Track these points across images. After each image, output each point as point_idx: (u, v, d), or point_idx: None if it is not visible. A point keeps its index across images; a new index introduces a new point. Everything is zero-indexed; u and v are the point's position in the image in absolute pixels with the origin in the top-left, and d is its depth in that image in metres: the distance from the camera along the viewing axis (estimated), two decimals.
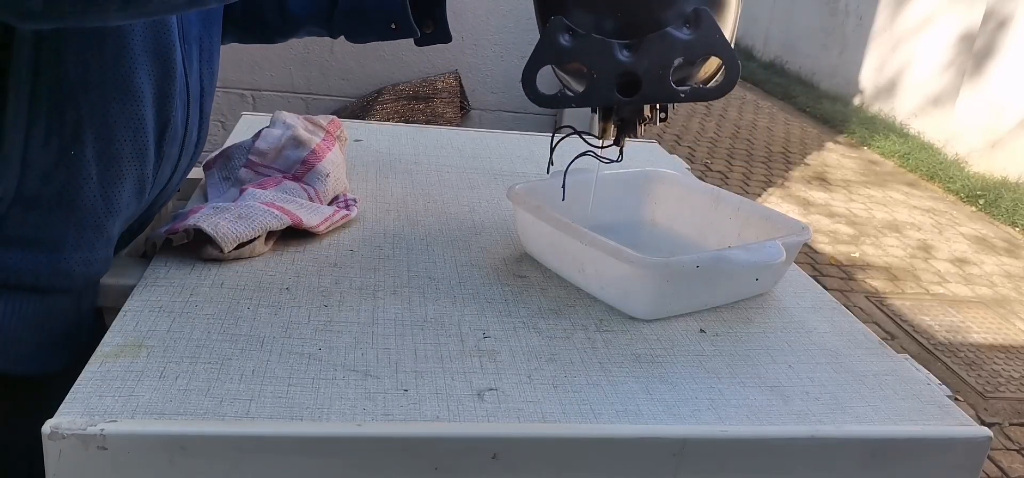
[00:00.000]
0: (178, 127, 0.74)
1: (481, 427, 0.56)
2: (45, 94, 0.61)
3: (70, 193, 0.65)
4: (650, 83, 0.59)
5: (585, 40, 0.58)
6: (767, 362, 0.69)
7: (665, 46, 0.58)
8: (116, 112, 0.65)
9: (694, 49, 0.58)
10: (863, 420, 0.62)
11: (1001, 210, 4.53)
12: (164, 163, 0.74)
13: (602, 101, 0.61)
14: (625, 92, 0.59)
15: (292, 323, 0.66)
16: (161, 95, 0.69)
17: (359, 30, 0.88)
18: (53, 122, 0.62)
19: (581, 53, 0.59)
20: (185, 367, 0.58)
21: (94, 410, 0.53)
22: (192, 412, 0.54)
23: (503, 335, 0.68)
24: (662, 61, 0.58)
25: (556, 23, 0.58)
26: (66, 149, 0.63)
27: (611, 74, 0.59)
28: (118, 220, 0.70)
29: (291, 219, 0.79)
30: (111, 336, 0.61)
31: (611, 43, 0.58)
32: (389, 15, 0.84)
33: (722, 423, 0.59)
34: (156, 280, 0.71)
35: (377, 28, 0.86)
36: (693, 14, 0.57)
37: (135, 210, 0.73)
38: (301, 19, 0.89)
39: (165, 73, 0.69)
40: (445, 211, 0.95)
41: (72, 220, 0.66)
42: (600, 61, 0.58)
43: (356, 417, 0.55)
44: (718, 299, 0.78)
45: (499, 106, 2.49)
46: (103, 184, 0.67)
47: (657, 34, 0.58)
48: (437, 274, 0.78)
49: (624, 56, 0.58)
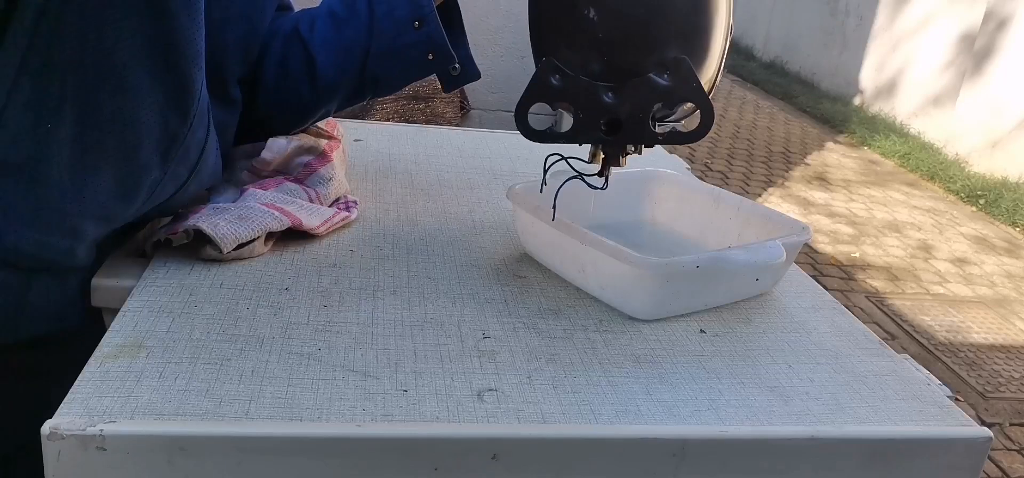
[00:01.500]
0: (192, 151, 0.73)
1: (481, 428, 0.56)
2: (36, 62, 0.60)
3: (35, 166, 0.63)
4: (630, 126, 0.63)
5: (573, 81, 0.62)
6: (767, 362, 0.69)
7: (646, 91, 0.62)
8: (103, 102, 0.64)
9: (672, 96, 0.62)
10: (863, 420, 0.62)
11: (1001, 210, 4.53)
12: (167, 180, 0.73)
13: (587, 140, 0.66)
14: (609, 131, 0.64)
15: (291, 323, 0.66)
16: (170, 106, 0.68)
17: (395, 70, 0.84)
18: (37, 91, 0.61)
19: (569, 94, 0.63)
20: (184, 367, 0.58)
21: (93, 410, 0.53)
22: (191, 413, 0.54)
23: (503, 335, 0.68)
24: (643, 105, 0.62)
25: (547, 64, 0.62)
26: (43, 121, 0.62)
27: (596, 115, 0.63)
28: (90, 217, 0.69)
29: (291, 220, 0.79)
30: (110, 336, 0.61)
31: (597, 86, 0.62)
32: (427, 46, 0.81)
33: (722, 423, 0.59)
34: (155, 280, 0.71)
35: (414, 62, 0.82)
36: (673, 62, 0.61)
37: (119, 213, 0.72)
38: (335, 83, 0.85)
39: (179, 88, 0.68)
40: (445, 211, 0.95)
41: (32, 195, 0.64)
42: (586, 102, 0.62)
43: (356, 417, 0.55)
44: (718, 299, 0.78)
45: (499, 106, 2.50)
46: (74, 170, 0.65)
47: (639, 79, 0.61)
48: (437, 274, 0.78)
49: (609, 98, 0.62)
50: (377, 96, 0.90)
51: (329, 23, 0.84)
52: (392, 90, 0.89)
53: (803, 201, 4.47)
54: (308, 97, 0.86)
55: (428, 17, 0.79)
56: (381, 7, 0.81)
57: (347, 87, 0.86)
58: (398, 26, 0.80)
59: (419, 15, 0.79)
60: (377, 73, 0.84)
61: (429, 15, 0.79)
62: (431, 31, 0.80)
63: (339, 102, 0.89)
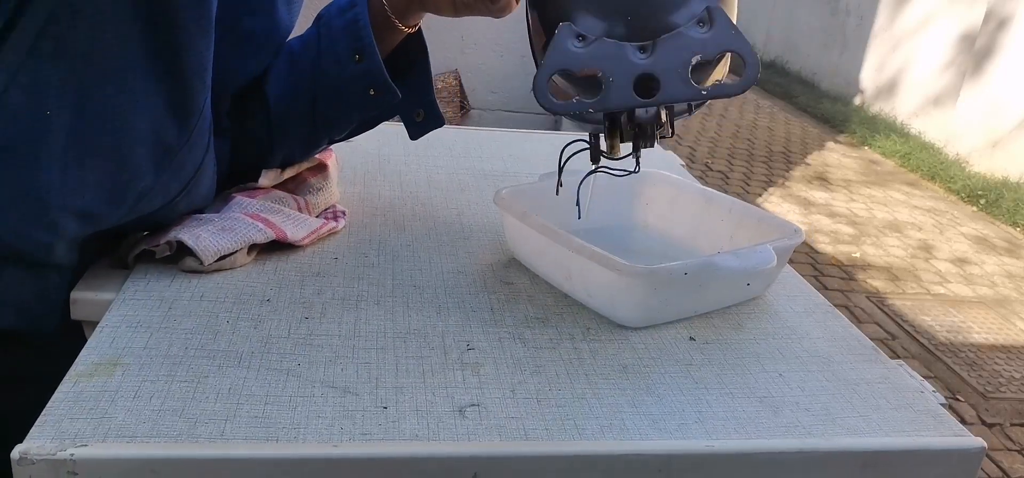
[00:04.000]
0: (187, 166, 0.72)
1: (461, 446, 0.54)
2: (47, 48, 0.60)
3: (28, 151, 0.63)
4: (670, 82, 0.57)
5: (598, 44, 0.57)
6: (757, 371, 0.68)
7: (681, 45, 0.57)
8: (104, 99, 0.64)
9: (711, 46, 0.57)
10: (854, 431, 0.61)
11: (1002, 210, 4.51)
12: (157, 191, 0.72)
13: (620, 103, 0.59)
14: (643, 95, 0.58)
15: (271, 337, 0.65)
16: (170, 116, 0.68)
17: (340, 107, 0.83)
18: (43, 76, 0.61)
19: (594, 58, 0.57)
20: (160, 386, 0.57)
21: (65, 433, 0.51)
22: (165, 434, 0.53)
23: (487, 347, 0.67)
24: (680, 60, 0.57)
25: (565, 30, 0.57)
26: (43, 107, 0.62)
27: (628, 76, 0.57)
28: (73, 214, 0.67)
29: (275, 233, 0.78)
30: (86, 354, 0.60)
31: (625, 46, 0.57)
32: (366, 80, 0.80)
33: (709, 437, 0.58)
34: (135, 294, 0.69)
35: (356, 96, 0.81)
36: (706, 13, 0.57)
37: (103, 215, 0.70)
38: (286, 122, 0.83)
39: (181, 99, 0.68)
40: (433, 215, 0.93)
41: (18, 180, 0.63)
42: (615, 65, 0.57)
43: (333, 437, 0.54)
44: (708, 305, 0.77)
45: (499, 106, 2.48)
46: (64, 161, 0.64)
47: (672, 34, 0.57)
48: (422, 282, 0.77)
49: (639, 58, 0.57)
50: (335, 138, 0.88)
51: (286, 61, 0.83)
52: (342, 130, 0.87)
53: (803, 201, 4.45)
54: (263, 136, 0.84)
55: (366, 50, 0.78)
56: (325, 41, 0.80)
57: (300, 126, 0.84)
58: (339, 59, 0.79)
59: (358, 48, 0.78)
60: (324, 111, 0.82)
61: (367, 47, 0.78)
62: (370, 66, 0.78)
63: (296, 145, 0.87)
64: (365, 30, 0.78)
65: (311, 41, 0.82)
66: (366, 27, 0.78)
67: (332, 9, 0.81)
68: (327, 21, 0.81)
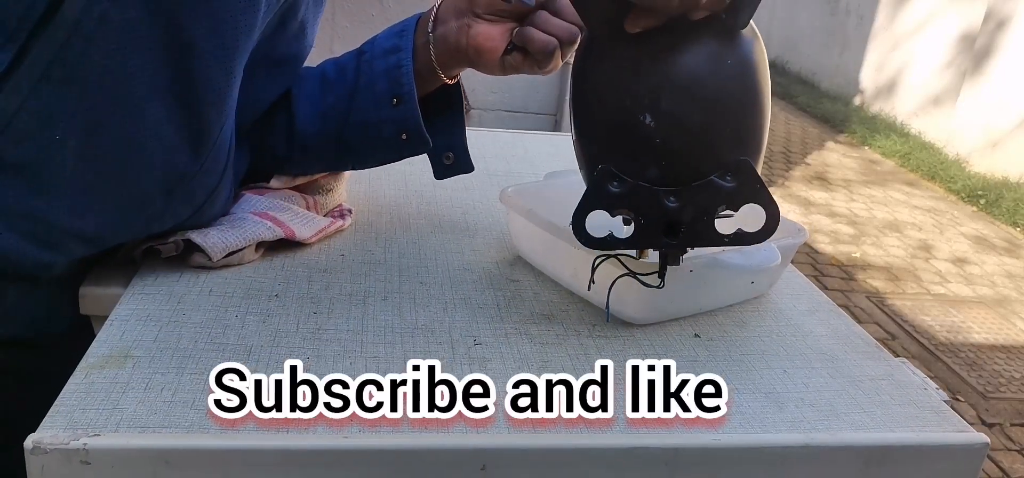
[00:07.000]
0: (198, 193, 0.72)
1: (470, 438, 0.55)
2: (59, 74, 0.59)
3: (37, 172, 0.62)
4: (695, 230, 0.61)
5: (634, 188, 0.60)
6: (762, 368, 0.68)
7: (709, 194, 0.60)
8: (115, 125, 0.63)
9: (737, 197, 0.60)
10: (858, 427, 0.62)
11: (1002, 210, 4.52)
12: (167, 215, 0.72)
13: (650, 245, 0.64)
14: (669, 235, 0.61)
15: (280, 332, 0.65)
16: (183, 145, 0.67)
17: (368, 143, 0.82)
18: (54, 101, 0.60)
19: (630, 201, 0.61)
20: (171, 378, 0.58)
21: (77, 423, 0.52)
22: (177, 425, 0.53)
23: (494, 342, 0.67)
24: (706, 208, 0.60)
25: (604, 172, 0.60)
26: (53, 131, 0.61)
27: (659, 220, 0.61)
28: (78, 238, 0.68)
29: (283, 231, 0.79)
30: (97, 346, 0.61)
31: (658, 191, 0.60)
32: (401, 125, 0.79)
33: (715, 431, 0.59)
34: (144, 288, 0.70)
35: (387, 138, 0.81)
36: (735, 164, 0.59)
37: (109, 238, 0.71)
38: (309, 143, 0.83)
39: (195, 129, 0.67)
40: (438, 213, 0.94)
41: (24, 201, 0.63)
42: (648, 209, 0.60)
43: (343, 428, 0.54)
44: (713, 303, 0.77)
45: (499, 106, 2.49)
46: (73, 185, 0.64)
47: (703, 183, 0.60)
48: (429, 279, 0.77)
49: (671, 202, 0.60)
50: (354, 166, 0.88)
51: (317, 84, 0.83)
52: (366, 163, 0.87)
53: (803, 201, 4.46)
54: (282, 151, 0.84)
55: (406, 96, 0.77)
56: (365, 78, 0.79)
57: (323, 150, 0.84)
58: (377, 99, 0.79)
59: (398, 93, 0.78)
60: (351, 142, 0.82)
61: (407, 94, 0.77)
62: (407, 112, 0.78)
63: (315, 164, 0.87)
64: (407, 77, 0.77)
65: (349, 71, 0.81)
66: (409, 74, 0.77)
67: (376, 48, 0.80)
68: (370, 59, 0.80)
